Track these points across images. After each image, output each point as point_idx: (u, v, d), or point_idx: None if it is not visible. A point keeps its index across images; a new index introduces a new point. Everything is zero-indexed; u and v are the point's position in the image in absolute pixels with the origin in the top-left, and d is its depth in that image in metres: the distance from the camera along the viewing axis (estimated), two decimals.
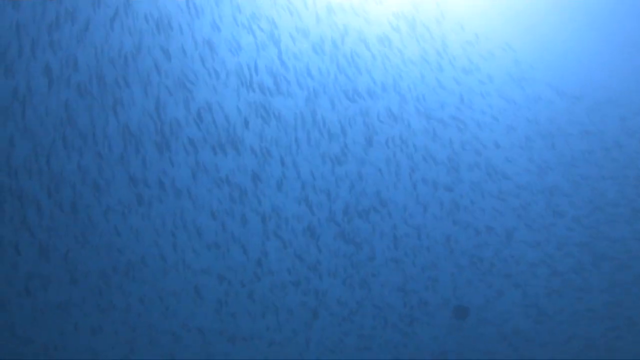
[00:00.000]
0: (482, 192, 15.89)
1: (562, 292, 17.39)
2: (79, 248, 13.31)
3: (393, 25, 14.11)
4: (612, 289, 17.60)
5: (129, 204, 13.46)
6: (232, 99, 13.68)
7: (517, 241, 16.55)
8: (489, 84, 15.12)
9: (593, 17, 14.59)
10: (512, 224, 16.35)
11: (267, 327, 15.43)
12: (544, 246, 16.75)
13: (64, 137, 12.59)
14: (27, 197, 12.69)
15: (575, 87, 15.42)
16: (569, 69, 15.25)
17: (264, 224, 14.60)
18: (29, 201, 12.74)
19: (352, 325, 16.17)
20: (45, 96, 12.26)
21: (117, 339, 14.12)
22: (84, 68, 12.36)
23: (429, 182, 15.61)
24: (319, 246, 15.21)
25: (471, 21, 14.34)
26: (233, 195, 14.15)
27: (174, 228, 14.03)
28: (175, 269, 14.24)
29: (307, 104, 14.23)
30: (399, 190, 15.43)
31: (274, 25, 13.47)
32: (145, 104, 13.01)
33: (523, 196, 16.19)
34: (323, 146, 14.59)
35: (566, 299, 17.50)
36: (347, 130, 14.64)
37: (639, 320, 18.05)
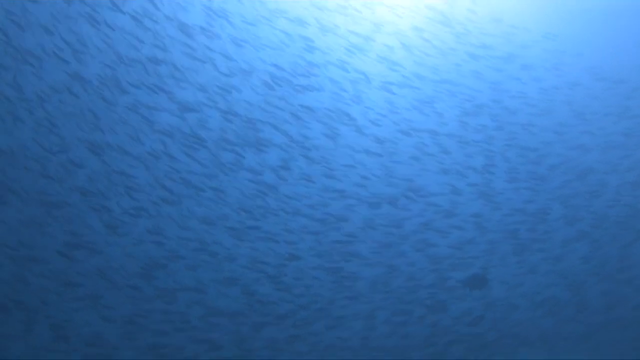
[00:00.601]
0: (516, 174, 15.75)
1: (601, 266, 17.35)
2: (110, 246, 13.89)
3: (427, 17, 13.73)
4: None
5: (157, 202, 13.89)
6: (258, 96, 13.72)
7: (552, 219, 16.47)
8: (526, 71, 14.70)
9: (634, 1, 13.84)
10: (547, 203, 16.23)
11: (294, 309, 16.00)
12: (580, 224, 16.63)
13: (90, 138, 12.97)
14: (57, 198, 13.23)
15: (616, 71, 14.84)
16: (609, 54, 14.63)
17: (291, 215, 14.89)
18: (61, 201, 13.29)
19: (385, 302, 16.58)
20: (70, 98, 12.56)
21: (149, 325, 14.85)
22: (106, 70, 12.56)
23: (460, 166, 15.55)
24: (347, 232, 15.50)
25: (507, 13, 13.82)
26: (260, 189, 14.42)
27: (203, 223, 14.45)
28: (205, 261, 14.74)
29: (335, 99, 14.17)
30: (429, 176, 15.44)
31: (301, 22, 13.29)
32: (170, 105, 13.20)
33: (558, 177, 15.98)
34: (352, 138, 14.61)
35: (604, 273, 17.47)
36: (379, 121, 14.58)
37: None
